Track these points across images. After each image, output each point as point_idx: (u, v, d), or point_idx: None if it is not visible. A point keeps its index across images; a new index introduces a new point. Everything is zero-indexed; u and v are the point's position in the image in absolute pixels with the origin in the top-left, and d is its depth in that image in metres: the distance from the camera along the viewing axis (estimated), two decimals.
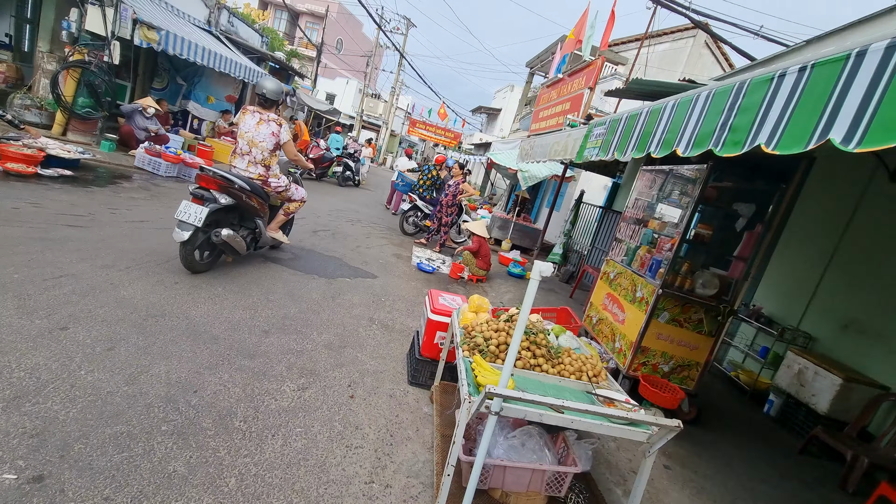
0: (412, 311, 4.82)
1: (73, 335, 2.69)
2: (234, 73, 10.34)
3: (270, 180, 4.46)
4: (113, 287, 3.40)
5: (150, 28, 7.87)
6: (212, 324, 3.31)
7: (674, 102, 2.60)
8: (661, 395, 3.15)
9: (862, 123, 1.34)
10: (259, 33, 14.84)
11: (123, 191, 6.22)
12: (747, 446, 3.57)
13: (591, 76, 8.70)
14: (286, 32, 30.81)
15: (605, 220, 8.47)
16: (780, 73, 1.78)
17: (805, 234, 4.81)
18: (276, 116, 4.35)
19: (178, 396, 2.44)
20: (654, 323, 3.47)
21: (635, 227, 4.28)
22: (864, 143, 1.31)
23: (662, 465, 2.98)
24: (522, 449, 2.28)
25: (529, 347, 2.51)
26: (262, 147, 4.29)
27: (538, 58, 18.00)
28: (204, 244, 4.05)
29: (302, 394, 2.81)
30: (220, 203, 3.89)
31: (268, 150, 4.32)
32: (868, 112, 1.33)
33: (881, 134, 1.28)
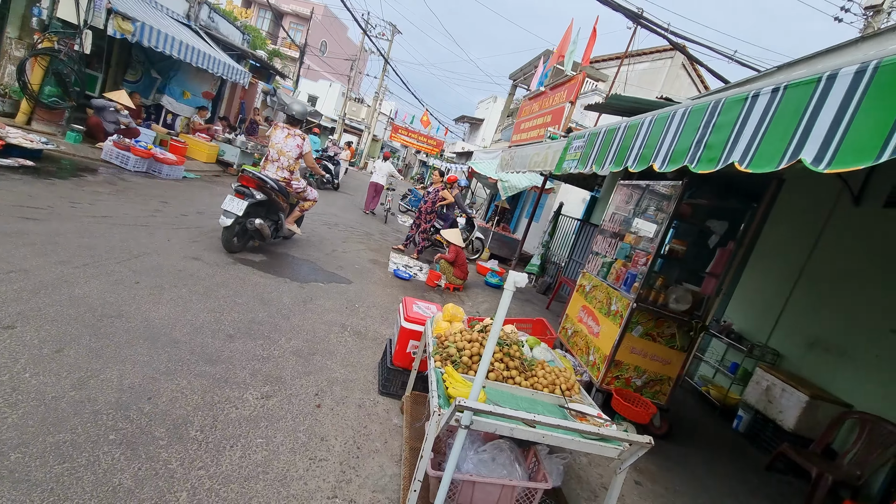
0: (386, 319, 4.72)
1: (19, 335, 2.50)
2: (212, 69, 10.10)
3: (293, 182, 5.46)
4: (67, 285, 3.21)
5: (125, 19, 7.61)
6: (172, 326, 3.15)
7: (651, 118, 2.62)
8: (633, 410, 3.15)
9: (832, 145, 1.35)
10: (241, 31, 14.59)
11: (87, 184, 5.94)
12: (717, 462, 3.60)
13: (572, 90, 8.84)
14: (269, 32, 30.44)
15: (583, 233, 8.56)
16: (754, 93, 1.80)
17: (774, 252, 4.94)
18: (300, 132, 5.39)
19: (129, 403, 2.29)
20: (627, 336, 3.48)
21: (612, 240, 4.31)
22: (833, 164, 1.32)
23: (633, 480, 2.96)
24: (493, 463, 2.22)
25: (503, 359, 2.46)
26: (289, 156, 5.28)
27: (521, 70, 18.26)
28: (239, 230, 5.01)
29: (265, 402, 2.68)
30: (256, 198, 4.88)
31: (293, 158, 5.32)
32: (838, 134, 1.34)
33: (851, 156, 1.29)
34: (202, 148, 10.44)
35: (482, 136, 26.12)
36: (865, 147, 1.27)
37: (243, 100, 15.32)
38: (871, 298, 3.88)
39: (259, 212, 5.11)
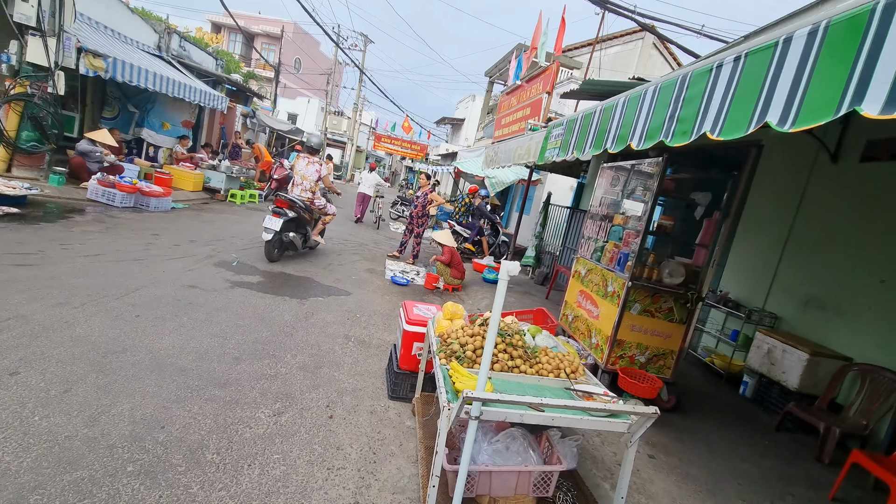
0: (389, 326, 4.75)
1: (24, 380, 2.52)
2: (188, 97, 10.10)
3: (315, 201, 6.68)
4: (67, 326, 3.22)
5: (96, 56, 7.60)
6: (178, 355, 3.17)
7: (625, 99, 2.68)
8: (639, 386, 3.20)
9: (794, 105, 1.40)
10: (213, 56, 14.58)
11: (76, 225, 5.93)
12: (727, 428, 3.65)
13: (547, 81, 8.92)
14: (242, 54, 30.41)
15: (574, 220, 8.63)
16: (718, 63, 1.86)
17: (761, 218, 5.02)
18: (317, 159, 6.67)
19: (143, 434, 2.31)
20: (626, 315, 3.53)
21: (601, 223, 4.37)
22: (798, 122, 1.38)
23: (647, 455, 3.00)
24: (507, 452, 2.26)
25: (506, 349, 2.50)
26: (310, 179, 6.52)
27: (496, 67, 18.36)
28: (277, 243, 6.14)
29: (278, 419, 2.71)
30: (289, 216, 6.06)
31: (313, 181, 6.54)
32: (799, 94, 1.40)
33: (812, 113, 1.34)
34: (187, 177, 10.43)
35: (465, 136, 26.20)
36: (824, 103, 1.32)
37: (223, 125, 15.29)
38: (857, 252, 3.96)
39: (291, 227, 6.29)
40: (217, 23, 32.42)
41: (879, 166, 3.92)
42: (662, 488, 2.66)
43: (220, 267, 5.49)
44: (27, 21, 6.75)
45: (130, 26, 10.58)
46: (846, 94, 1.27)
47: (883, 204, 3.85)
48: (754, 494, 2.76)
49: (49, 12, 6.95)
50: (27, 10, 6.70)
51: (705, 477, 2.86)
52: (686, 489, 2.69)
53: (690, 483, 2.76)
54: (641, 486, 2.64)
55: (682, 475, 2.83)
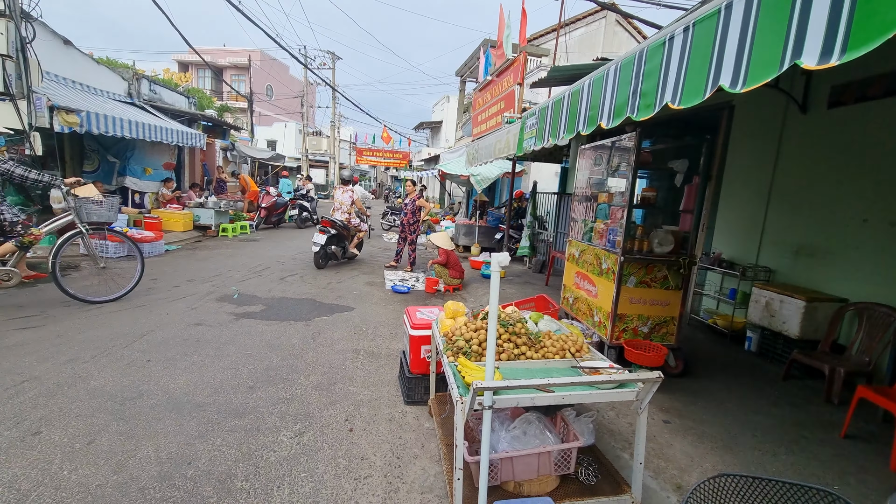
0: (395, 335, 4.81)
1: (47, 438, 2.56)
2: (166, 139, 10.14)
3: (351, 221, 8.44)
4: (81, 380, 3.26)
5: (69, 112, 7.65)
6: (193, 392, 3.22)
7: (590, 81, 2.76)
8: (645, 356, 3.27)
9: (743, 66, 1.49)
10: (185, 95, 14.64)
11: (73, 281, 5.97)
12: (736, 385, 3.73)
13: (517, 72, 9.02)
14: (213, 89, 30.47)
15: (563, 204, 8.72)
16: (670, 35, 1.94)
17: (742, 176, 5.11)
18: (350, 188, 8.54)
19: (172, 472, 2.36)
20: (623, 289, 3.61)
21: (588, 204, 4.45)
22: (747, 82, 1.46)
23: (662, 420, 3.08)
24: (525, 437, 2.33)
25: (510, 339, 2.57)
26: (345, 204, 8.36)
27: (466, 65, 18.49)
28: (322, 255, 7.87)
29: (300, 439, 2.77)
30: (331, 232, 7.86)
31: (347, 205, 8.36)
32: (745, 55, 1.48)
33: (759, 71, 1.43)
34: (176, 218, 10.46)
35: (444, 138, 26.32)
36: (769, 61, 1.41)
37: (205, 161, 15.33)
38: (838, 195, 4.05)
39: (333, 241, 8.02)
40: (183, 61, 32.46)
41: (847, 110, 4.02)
42: (680, 450, 2.73)
43: (222, 301, 5.54)
44: None
45: (98, 77, 10.64)
46: (787, 50, 1.35)
47: (854, 146, 3.95)
48: (769, 443, 2.84)
49: (15, 75, 6.99)
50: None
51: (720, 433, 2.93)
52: (703, 448, 2.76)
53: (707, 441, 2.84)
54: (659, 450, 2.72)
55: (697, 435, 2.90)
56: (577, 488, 2.28)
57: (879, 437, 2.96)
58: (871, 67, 3.73)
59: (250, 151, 18.96)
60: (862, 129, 3.90)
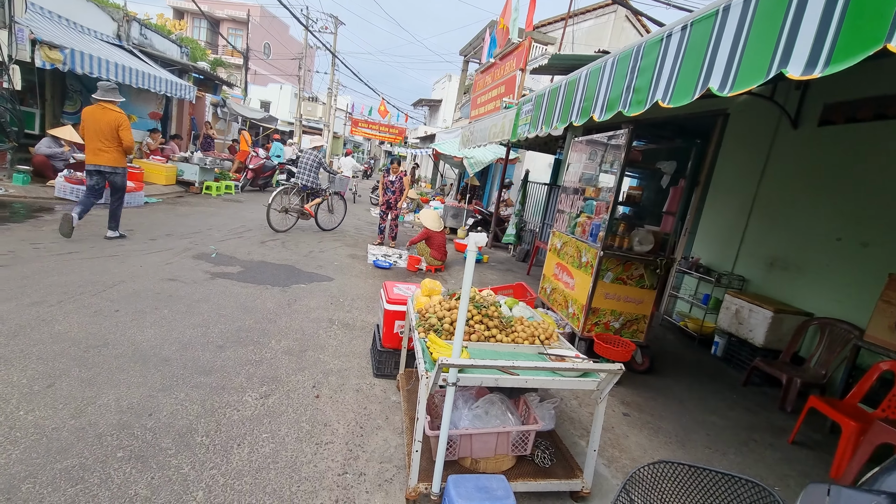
0: (371, 308, 4.82)
1: (5, 377, 2.52)
2: (154, 88, 9.81)
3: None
4: (45, 323, 3.20)
5: (53, 48, 7.32)
6: (161, 346, 3.19)
7: (587, 72, 2.74)
8: (613, 350, 3.35)
9: (733, 70, 1.49)
10: (177, 44, 14.10)
11: (45, 224, 5.80)
12: (697, 386, 3.85)
13: (520, 57, 8.90)
14: (208, 41, 29.39)
15: (553, 196, 8.75)
16: (668, 32, 1.93)
17: (728, 185, 5.18)
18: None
19: (131, 422, 2.35)
20: (600, 284, 3.67)
21: (575, 197, 4.47)
22: (735, 86, 1.47)
23: (622, 413, 3.17)
24: (486, 417, 2.38)
25: (482, 321, 2.60)
26: None
27: (470, 45, 18.17)
28: None
29: (265, 401, 2.78)
30: None
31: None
32: (736, 59, 1.49)
33: (747, 77, 1.43)
34: (159, 171, 10.19)
35: (442, 117, 26.00)
36: (757, 67, 1.41)
37: (193, 115, 14.89)
38: (816, 213, 4.15)
39: None
40: (179, 8, 31.13)
41: (836, 130, 4.09)
42: (635, 442, 2.83)
43: (199, 259, 5.46)
44: None
45: (86, 15, 10.16)
46: (775, 57, 1.36)
47: (838, 166, 4.03)
48: (720, 443, 2.96)
49: None
50: None
51: (675, 430, 3.04)
52: (657, 441, 2.86)
53: (661, 436, 2.94)
54: (615, 440, 2.81)
55: (653, 429, 3.00)
56: (532, 469, 2.35)
57: (825, 446, 3.11)
58: (864, 89, 3.78)
59: (242, 110, 18.46)
60: (847, 150, 3.98)
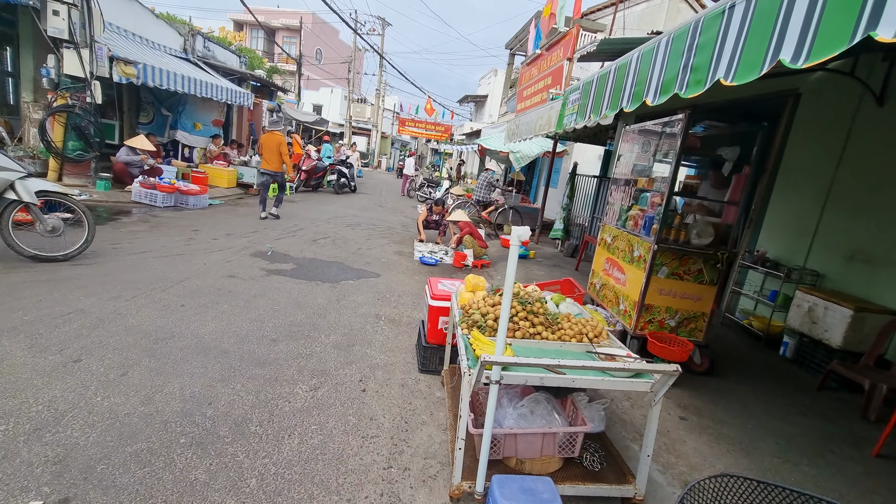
0: (417, 304, 4.86)
1: (86, 366, 2.77)
2: (216, 96, 10.42)
3: None
4: (121, 317, 3.49)
5: (127, 63, 7.95)
6: (220, 339, 3.38)
7: (638, 54, 2.59)
8: (669, 350, 3.16)
9: (808, 38, 1.33)
10: (236, 54, 14.91)
11: (123, 225, 6.33)
12: (764, 389, 3.56)
13: (568, 47, 8.64)
14: (264, 50, 30.88)
15: (603, 189, 8.41)
16: (730, 4, 1.77)
17: (800, 172, 4.73)
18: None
19: (193, 410, 2.51)
20: (654, 279, 3.47)
21: (626, 188, 4.26)
22: (811, 56, 1.31)
23: (678, 416, 2.98)
24: (532, 416, 2.31)
25: (527, 317, 2.53)
26: None
27: (516, 38, 17.85)
28: None
29: (314, 393, 2.87)
30: None
31: None
32: (812, 26, 1.33)
33: (826, 44, 1.27)
34: (221, 174, 10.84)
35: (489, 113, 25.77)
36: (838, 32, 1.25)
37: (251, 121, 15.71)
38: None
39: None
40: (239, 21, 32.97)
41: None
42: (693, 448, 2.65)
43: (256, 257, 5.74)
44: (60, 34, 7.12)
45: (156, 31, 10.96)
46: (861, 20, 1.20)
47: None
48: (791, 452, 2.70)
49: (80, 24, 7.30)
50: (59, 23, 7.06)
51: (739, 436, 2.81)
52: (718, 449, 2.67)
53: (723, 443, 2.73)
54: (671, 445, 2.64)
55: (714, 435, 2.80)
56: (580, 472, 2.26)
57: None
58: None
59: (295, 114, 19.26)
60: None
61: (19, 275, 4.01)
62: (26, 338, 2.97)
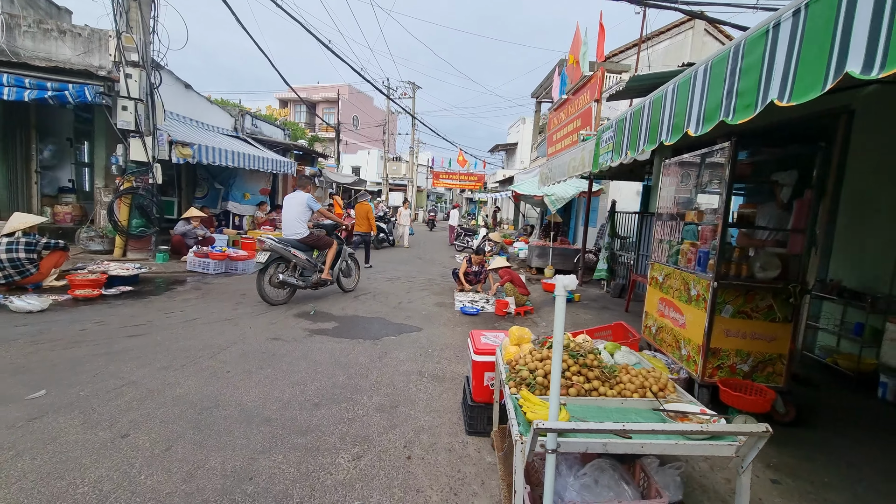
0: (460, 357, 4.67)
1: (133, 441, 2.76)
2: (263, 168, 11.15)
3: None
4: (169, 387, 3.52)
5: (184, 145, 8.71)
6: (263, 406, 3.32)
7: (674, 86, 2.49)
8: (746, 399, 2.80)
9: (880, 43, 1.18)
10: (281, 128, 16.11)
11: (178, 294, 6.63)
12: (870, 441, 3.05)
13: (594, 89, 8.71)
14: (306, 122, 33.30)
15: (645, 225, 8.08)
16: (774, 23, 1.66)
17: (867, 191, 4.33)
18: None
19: (233, 488, 2.40)
20: (718, 320, 3.15)
21: (672, 223, 4.03)
22: (888, 64, 1.15)
23: (769, 479, 2.58)
24: (596, 486, 2.04)
25: (580, 371, 2.31)
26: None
27: (541, 86, 18.33)
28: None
29: (357, 463, 2.71)
30: None
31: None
32: (883, 29, 1.18)
33: None
34: None
35: (520, 159, 26.15)
36: None
37: (294, 187, 16.63)
38: None
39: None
40: (283, 98, 36.04)
41: None
42: None
43: (300, 318, 5.80)
44: (128, 126, 7.94)
45: (210, 114, 12.07)
46: None
47: None
48: None
49: (144, 116, 8.13)
50: (127, 117, 7.89)
51: (850, 502, 2.37)
52: None
53: None
54: None
55: (818, 502, 2.37)
56: None
57: None
58: None
59: (335, 177, 20.30)
60: None
61: (82, 349, 4.19)
62: (80, 413, 3.03)
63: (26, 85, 7.22)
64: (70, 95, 7.40)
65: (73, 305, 5.66)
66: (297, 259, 6.44)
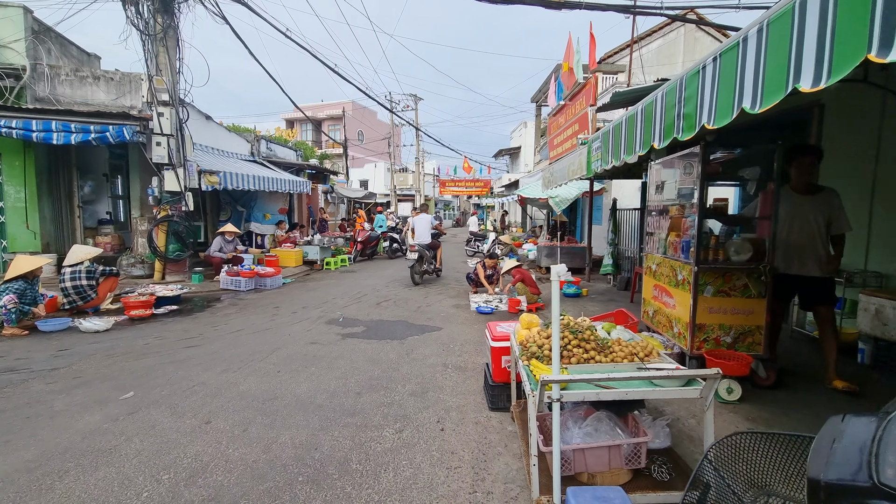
0: (479, 351, 5.20)
1: (215, 426, 3.34)
2: (280, 189, 11.86)
3: None
4: (233, 385, 4.12)
5: (212, 174, 9.43)
6: (314, 396, 3.90)
7: (642, 107, 3.02)
8: (727, 365, 3.28)
9: (825, 60, 1.52)
10: (293, 149, 16.88)
11: (218, 310, 7.28)
12: (843, 397, 3.51)
13: (589, 94, 9.23)
14: (313, 140, 34.24)
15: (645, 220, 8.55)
16: (743, 37, 2.00)
17: (837, 177, 4.78)
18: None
19: (304, 455, 2.97)
20: (701, 299, 3.65)
21: (660, 218, 4.53)
22: (832, 76, 1.49)
23: (747, 429, 3.05)
24: (596, 433, 2.56)
25: (580, 344, 2.83)
26: None
27: (540, 91, 18.89)
28: None
29: (400, 435, 3.25)
30: None
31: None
32: (826, 49, 1.52)
33: (843, 62, 1.46)
34: (290, 255, 12.04)
35: (524, 163, 26.67)
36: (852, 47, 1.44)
37: (310, 204, 17.38)
38: None
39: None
40: (289, 118, 37.07)
41: None
42: None
43: (331, 324, 6.39)
44: (162, 160, 8.68)
45: (229, 142, 12.86)
46: (873, 34, 1.37)
47: None
48: None
49: (175, 149, 8.87)
50: (161, 152, 8.63)
51: None
52: None
53: None
54: None
55: None
56: (650, 483, 2.44)
57: None
58: None
59: (346, 192, 21.04)
60: None
61: (151, 359, 4.82)
62: (167, 408, 3.63)
63: (72, 129, 8.00)
64: (111, 136, 8.17)
65: (130, 324, 6.33)
66: (426, 255, 10.06)
